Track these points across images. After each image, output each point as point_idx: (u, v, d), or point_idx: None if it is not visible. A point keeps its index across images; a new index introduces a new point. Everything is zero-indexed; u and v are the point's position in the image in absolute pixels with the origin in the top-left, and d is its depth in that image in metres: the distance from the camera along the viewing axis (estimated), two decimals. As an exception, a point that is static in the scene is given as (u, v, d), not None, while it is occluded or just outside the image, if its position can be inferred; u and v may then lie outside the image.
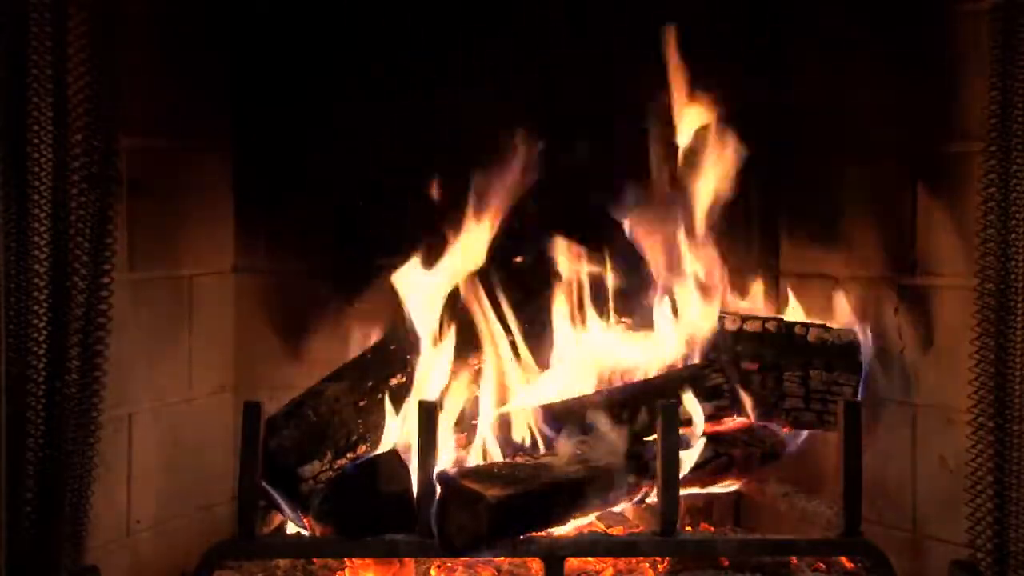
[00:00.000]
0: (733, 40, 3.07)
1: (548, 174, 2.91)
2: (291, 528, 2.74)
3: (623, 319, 2.92)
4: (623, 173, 2.98)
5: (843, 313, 2.85)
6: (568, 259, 2.90)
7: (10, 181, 2.22)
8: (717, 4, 3.08)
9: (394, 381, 2.75)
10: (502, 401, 2.81)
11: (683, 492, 2.61)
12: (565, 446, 2.66)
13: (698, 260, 2.94)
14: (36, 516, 2.24)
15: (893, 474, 2.77)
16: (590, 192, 2.97)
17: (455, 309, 2.83)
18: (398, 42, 3.06)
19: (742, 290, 2.98)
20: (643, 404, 2.70)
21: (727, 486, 2.84)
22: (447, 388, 2.79)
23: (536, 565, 2.68)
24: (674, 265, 2.94)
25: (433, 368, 2.78)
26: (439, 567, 2.71)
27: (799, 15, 3.05)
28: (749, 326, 2.85)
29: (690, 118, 2.95)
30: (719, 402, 2.79)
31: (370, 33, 3.06)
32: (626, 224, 2.97)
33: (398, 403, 2.74)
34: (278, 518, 2.76)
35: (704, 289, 2.92)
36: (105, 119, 2.32)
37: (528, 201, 2.90)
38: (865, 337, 2.80)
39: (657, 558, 2.71)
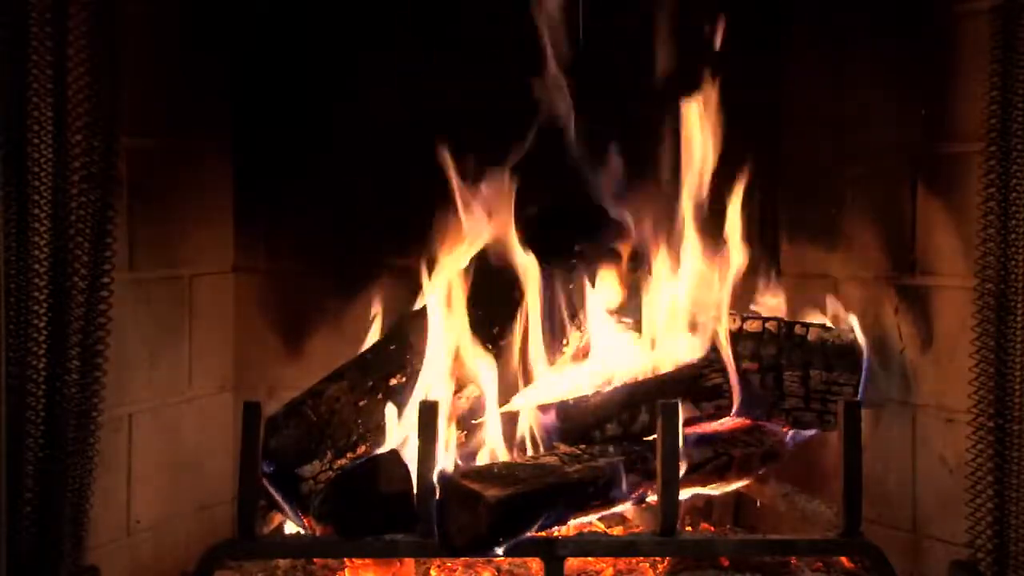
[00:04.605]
0: (733, 39, 3.07)
1: (546, 171, 2.91)
2: (291, 528, 2.74)
3: (623, 319, 2.92)
4: (622, 171, 2.97)
5: (843, 313, 2.86)
6: (566, 259, 2.90)
7: (10, 181, 2.22)
8: (718, 2, 3.08)
9: (394, 381, 2.75)
10: (503, 401, 2.81)
11: (683, 492, 2.62)
12: (565, 446, 2.66)
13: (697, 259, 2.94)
14: (36, 516, 2.24)
15: (893, 474, 2.77)
16: (588, 190, 2.96)
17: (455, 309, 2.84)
18: (398, 41, 3.07)
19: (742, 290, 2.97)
20: (643, 404, 2.70)
21: (727, 486, 2.84)
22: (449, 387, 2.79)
23: (536, 565, 2.68)
24: (674, 264, 2.94)
25: (435, 367, 2.78)
26: (439, 567, 2.71)
27: (800, 14, 3.05)
28: (749, 326, 2.85)
29: (689, 118, 2.95)
30: (719, 402, 2.79)
31: (371, 32, 3.06)
32: (625, 223, 2.96)
33: (399, 403, 2.74)
34: (278, 518, 2.76)
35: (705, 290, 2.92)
36: (105, 119, 2.32)
37: (529, 198, 2.91)
38: (865, 337, 2.80)
39: (657, 558, 2.71)
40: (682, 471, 2.57)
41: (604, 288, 2.91)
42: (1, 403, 2.23)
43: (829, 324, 2.84)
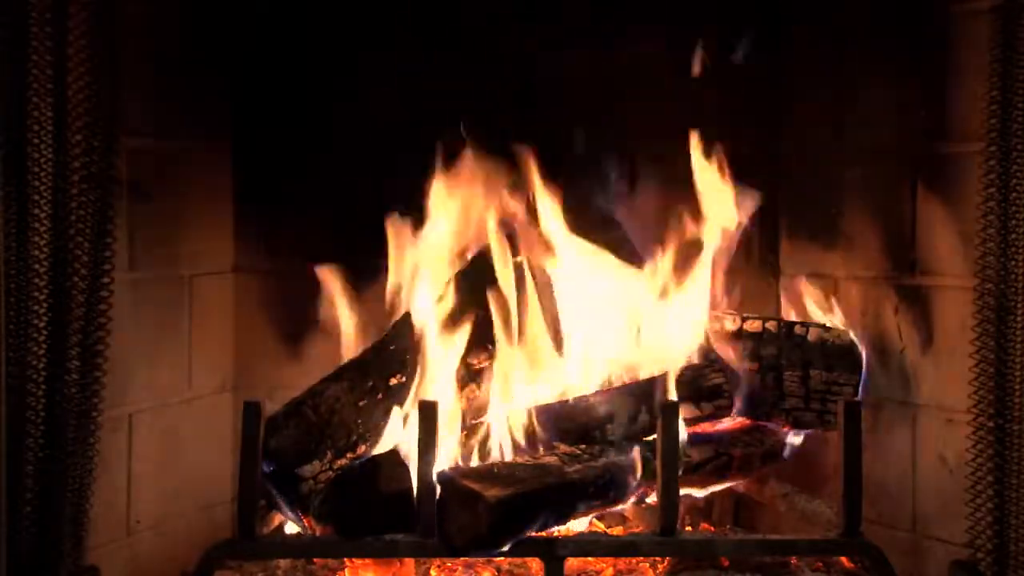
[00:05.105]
0: (734, 39, 3.07)
1: (545, 170, 2.92)
2: (291, 528, 2.74)
3: (623, 319, 2.92)
4: (622, 171, 2.98)
5: (843, 313, 2.86)
6: (567, 258, 2.91)
7: (10, 181, 2.22)
8: (719, 3, 3.08)
9: (394, 381, 2.75)
10: (503, 401, 2.82)
11: (683, 492, 2.62)
12: (565, 446, 2.66)
13: (698, 260, 2.94)
14: (36, 516, 2.24)
15: (893, 474, 2.77)
16: (587, 189, 2.97)
17: (456, 308, 2.84)
18: (398, 41, 3.07)
19: (742, 290, 2.98)
20: (643, 404, 2.70)
21: (727, 486, 2.83)
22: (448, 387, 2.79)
23: (536, 565, 2.68)
24: (673, 264, 2.94)
25: (435, 367, 2.78)
26: (439, 567, 2.71)
27: (799, 14, 3.05)
28: (749, 326, 2.85)
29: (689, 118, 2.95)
30: (719, 402, 2.79)
31: (371, 32, 3.06)
32: (624, 223, 2.97)
33: (399, 403, 2.74)
34: (278, 518, 2.76)
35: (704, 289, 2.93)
36: (105, 119, 2.32)
37: (525, 197, 2.92)
38: (864, 337, 2.80)
39: (657, 558, 2.71)
40: (680, 470, 2.57)
41: (604, 288, 2.92)
42: (1, 403, 2.23)
43: (829, 324, 2.85)
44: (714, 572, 2.69)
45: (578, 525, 2.73)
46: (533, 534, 2.52)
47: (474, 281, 2.86)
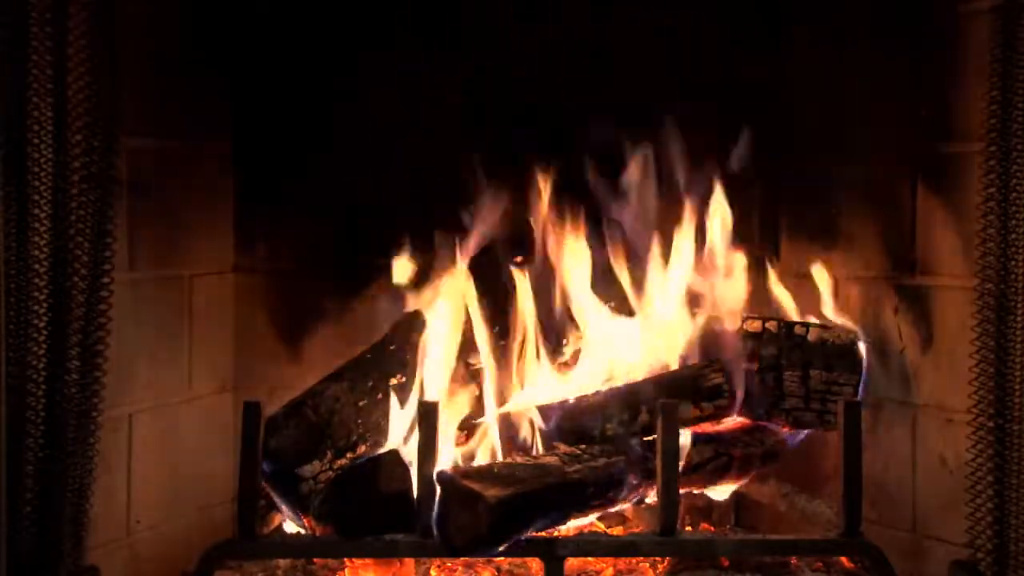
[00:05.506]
0: (733, 38, 3.07)
1: (546, 169, 2.92)
2: (291, 528, 2.74)
3: (622, 318, 2.92)
4: (621, 172, 2.98)
5: (843, 313, 2.86)
6: (567, 258, 2.91)
7: (10, 181, 2.22)
8: (718, 2, 3.08)
9: (394, 381, 2.75)
10: (503, 401, 2.81)
11: (683, 492, 2.62)
12: (565, 446, 2.66)
13: (698, 260, 2.94)
14: (36, 516, 2.24)
15: (893, 474, 2.77)
16: (586, 189, 2.97)
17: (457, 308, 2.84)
18: (398, 41, 3.07)
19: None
20: (643, 404, 2.70)
21: (727, 486, 2.83)
22: (448, 387, 2.80)
23: (536, 565, 2.68)
24: (673, 264, 2.94)
25: (435, 367, 2.78)
26: (439, 567, 2.71)
27: (799, 14, 3.05)
28: (749, 326, 2.86)
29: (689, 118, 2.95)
30: (719, 402, 2.79)
31: (371, 32, 3.07)
32: (625, 223, 2.96)
33: (399, 403, 2.74)
34: (278, 518, 2.76)
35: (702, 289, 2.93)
36: (105, 119, 2.32)
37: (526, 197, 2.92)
38: (865, 337, 2.80)
39: (657, 558, 2.71)
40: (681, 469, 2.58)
41: (603, 288, 2.92)
42: (1, 403, 2.23)
43: (829, 324, 2.85)
44: (714, 572, 2.69)
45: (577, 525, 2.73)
46: (533, 534, 2.52)
47: (475, 281, 2.87)
